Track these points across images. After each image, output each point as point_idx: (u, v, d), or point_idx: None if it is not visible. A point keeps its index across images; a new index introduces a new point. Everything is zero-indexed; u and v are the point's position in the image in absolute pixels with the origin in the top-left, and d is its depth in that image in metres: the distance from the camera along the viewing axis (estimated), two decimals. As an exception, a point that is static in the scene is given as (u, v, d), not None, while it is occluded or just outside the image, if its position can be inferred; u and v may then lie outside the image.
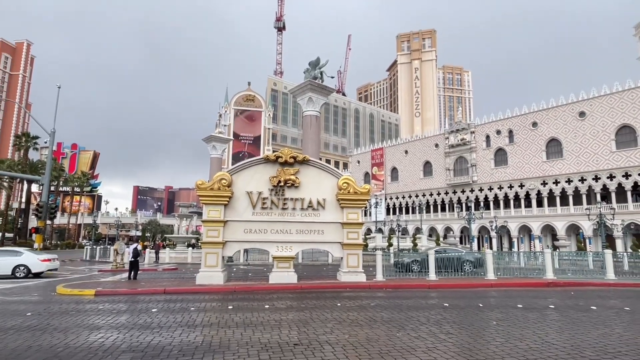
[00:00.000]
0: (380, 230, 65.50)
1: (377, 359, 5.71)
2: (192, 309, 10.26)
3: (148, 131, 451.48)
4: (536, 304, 11.34)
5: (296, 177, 16.20)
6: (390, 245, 37.97)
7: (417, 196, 74.55)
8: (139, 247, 18.45)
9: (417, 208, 72.31)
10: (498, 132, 64.16)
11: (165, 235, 73.46)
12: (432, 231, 70.69)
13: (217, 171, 32.06)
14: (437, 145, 72.91)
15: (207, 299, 12.30)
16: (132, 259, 17.53)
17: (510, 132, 62.68)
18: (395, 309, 10.33)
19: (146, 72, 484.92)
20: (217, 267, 15.33)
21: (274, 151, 30.86)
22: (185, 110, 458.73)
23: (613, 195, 50.81)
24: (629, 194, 50.39)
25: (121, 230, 75.14)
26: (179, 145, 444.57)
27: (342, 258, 16.46)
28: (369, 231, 63.11)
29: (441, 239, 53.53)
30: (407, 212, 76.49)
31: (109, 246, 39.22)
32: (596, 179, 52.94)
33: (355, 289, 14.73)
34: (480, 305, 11.07)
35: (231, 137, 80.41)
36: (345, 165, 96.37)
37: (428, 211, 71.64)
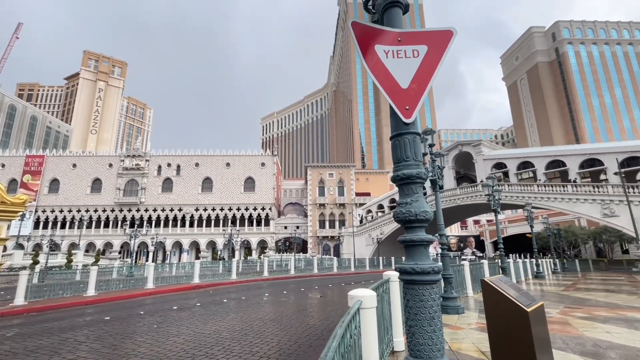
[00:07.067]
0: (21, 246, 46.98)
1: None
2: None
3: None
4: (187, 304, 11.80)
5: None
6: (36, 262, 27.78)
7: (79, 211, 60.27)
8: None
9: (77, 223, 58.34)
10: (169, 164, 64.16)
11: None
12: (90, 246, 58.64)
13: None
14: (111, 165, 63.23)
15: None
16: None
17: (179, 166, 64.30)
18: (45, 334, 7.72)
19: None
20: None
21: None
22: None
23: (238, 221, 62.07)
24: (246, 221, 63.22)
25: None
26: None
27: (-40, 283, 10.57)
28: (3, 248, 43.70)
29: (101, 255, 45.15)
30: (63, 227, 59.66)
31: None
32: (230, 209, 63.01)
33: (-21, 320, 9.73)
34: (142, 312, 10.25)
35: None
36: (-20, 167, 64.21)
37: (90, 227, 59.27)
